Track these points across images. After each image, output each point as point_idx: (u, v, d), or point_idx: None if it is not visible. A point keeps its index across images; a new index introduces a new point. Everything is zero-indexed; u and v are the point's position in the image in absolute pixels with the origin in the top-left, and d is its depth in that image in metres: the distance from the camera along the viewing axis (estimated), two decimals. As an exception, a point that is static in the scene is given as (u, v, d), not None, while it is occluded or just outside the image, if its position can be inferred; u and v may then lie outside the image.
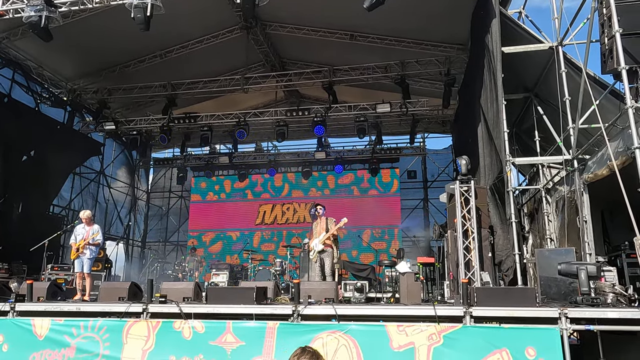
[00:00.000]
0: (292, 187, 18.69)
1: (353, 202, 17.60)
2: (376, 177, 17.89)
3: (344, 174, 18.25)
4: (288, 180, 18.77)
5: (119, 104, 16.41)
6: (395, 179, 17.83)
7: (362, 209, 17.09)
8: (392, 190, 17.77)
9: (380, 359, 5.46)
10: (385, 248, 16.17)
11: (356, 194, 18.03)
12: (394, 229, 17.10)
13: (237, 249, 17.90)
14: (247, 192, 19.00)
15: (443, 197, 9.32)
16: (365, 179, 18.10)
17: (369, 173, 17.91)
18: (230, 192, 19.17)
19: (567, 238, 7.80)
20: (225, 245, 18.41)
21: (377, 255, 15.78)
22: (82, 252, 8.45)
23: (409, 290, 7.29)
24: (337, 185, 18.36)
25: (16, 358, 6.44)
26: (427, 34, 12.78)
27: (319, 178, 18.33)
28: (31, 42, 12.02)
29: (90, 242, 8.47)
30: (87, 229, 8.56)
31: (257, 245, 17.59)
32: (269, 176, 18.73)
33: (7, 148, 12.99)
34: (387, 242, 16.68)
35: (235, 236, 18.52)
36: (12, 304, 6.96)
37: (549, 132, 9.26)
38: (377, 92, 15.19)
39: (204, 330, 6.03)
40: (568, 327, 5.20)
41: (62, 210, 15.83)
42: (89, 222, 8.65)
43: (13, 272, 10.90)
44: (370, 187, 18.01)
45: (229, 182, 19.30)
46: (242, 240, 18.15)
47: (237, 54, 14.36)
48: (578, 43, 7.54)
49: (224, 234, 18.59)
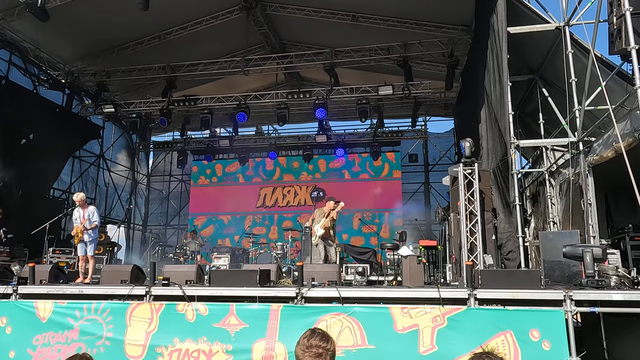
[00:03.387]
0: (284, 171, 18.65)
1: (344, 185, 17.52)
2: (367, 161, 17.85)
3: (335, 158, 18.17)
4: (279, 164, 18.71)
5: (118, 86, 16.23)
6: (387, 163, 17.74)
7: (352, 192, 17.03)
8: (383, 174, 17.73)
9: (384, 340, 5.46)
10: (376, 231, 16.13)
11: (347, 178, 17.99)
12: (384, 213, 17.04)
13: (228, 233, 18.02)
14: (238, 176, 18.98)
15: (446, 180, 9.25)
16: (356, 163, 18.03)
17: (370, 156, 17.82)
18: (221, 175, 19.10)
19: (571, 221, 7.77)
20: (216, 229, 18.43)
21: (368, 238, 15.83)
22: (82, 236, 8.40)
23: (412, 273, 7.29)
24: (329, 169, 18.30)
25: (20, 340, 6.46)
26: (430, 15, 12.58)
27: (310, 162, 18.25)
28: (28, 23, 11.82)
29: (87, 226, 8.36)
30: (82, 212, 8.44)
31: (249, 228, 17.59)
32: (261, 159, 18.71)
33: (6, 131, 12.88)
34: (378, 225, 16.64)
35: (226, 220, 18.53)
36: (15, 286, 6.96)
37: (553, 115, 9.16)
38: (378, 75, 15.00)
39: (207, 313, 6.03)
40: (573, 309, 5.19)
41: (62, 193, 15.79)
42: (83, 204, 8.51)
43: (15, 255, 10.89)
44: (361, 170, 17.97)
45: (220, 166, 19.24)
46: (233, 224, 18.24)
47: (237, 35, 14.16)
48: (586, 23, 7.39)
49: (215, 217, 18.59)
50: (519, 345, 5.12)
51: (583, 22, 7.57)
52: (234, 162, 19.09)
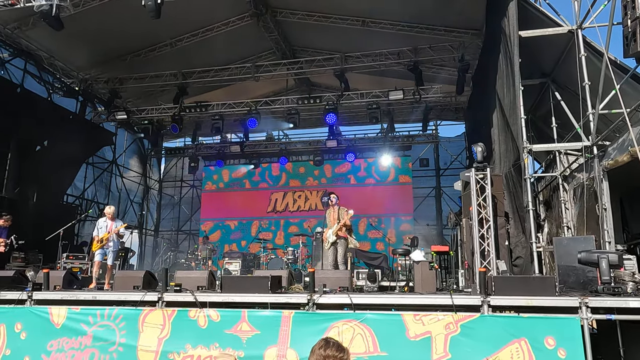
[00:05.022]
0: (290, 177, 18.69)
1: (350, 190, 17.41)
2: (373, 166, 17.86)
3: (341, 163, 18.18)
4: (286, 169, 18.74)
5: (130, 93, 16.41)
6: (393, 168, 17.69)
7: (358, 197, 16.96)
8: (389, 178, 17.69)
9: (396, 348, 5.42)
10: (382, 237, 16.07)
11: (353, 183, 17.97)
12: (390, 218, 16.94)
13: (235, 238, 18.12)
14: (244, 182, 19.07)
15: (457, 185, 9.19)
16: (362, 168, 18.02)
17: (376, 161, 17.83)
18: (228, 181, 19.21)
19: (585, 226, 7.66)
20: (223, 234, 18.50)
21: (374, 243, 15.75)
22: (107, 244, 8.74)
23: (424, 279, 7.24)
24: (335, 174, 18.31)
25: (34, 346, 6.52)
26: (441, 19, 12.55)
27: (315, 167, 18.29)
28: (42, 32, 12.01)
29: (117, 233, 8.83)
30: (110, 223, 8.86)
31: (255, 234, 17.65)
32: (267, 165, 18.81)
33: (21, 138, 13.09)
34: (384, 230, 16.57)
35: (233, 225, 18.60)
36: (30, 292, 7.03)
37: (566, 119, 9.06)
38: (389, 80, 15.00)
39: (219, 319, 6.04)
40: (589, 316, 5.10)
41: (75, 199, 15.96)
42: (112, 217, 8.96)
43: (29, 261, 11.03)
44: (367, 175, 17.94)
45: (227, 171, 19.32)
46: (240, 230, 18.32)
47: (247, 41, 14.26)
48: (599, 26, 7.32)
49: (222, 222, 18.69)
50: (533, 353, 5.05)
51: (596, 25, 7.49)
52: (241, 168, 19.19)
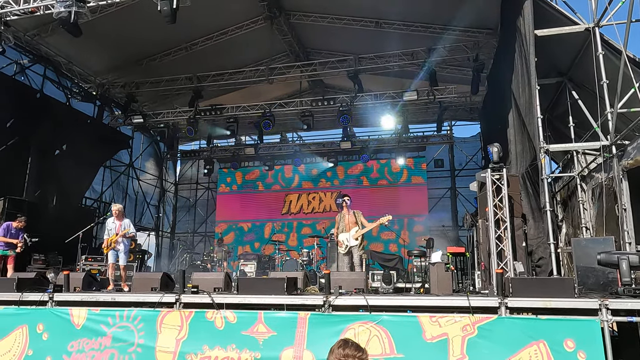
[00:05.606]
0: (302, 178, 18.74)
1: (362, 192, 17.43)
2: (386, 167, 17.85)
3: (354, 164, 18.20)
4: (298, 171, 18.80)
5: (147, 97, 16.65)
6: (405, 169, 17.66)
7: (371, 198, 17.04)
8: (401, 180, 17.68)
9: (413, 350, 5.40)
10: (395, 238, 15.99)
11: (365, 184, 17.97)
12: (403, 219, 16.87)
13: (248, 240, 18.25)
14: (257, 184, 19.19)
15: (473, 186, 9.12)
16: (374, 169, 17.99)
17: (388, 162, 17.83)
18: (241, 183, 19.35)
19: (605, 227, 7.54)
20: (237, 236, 18.62)
21: (387, 244, 15.69)
22: (115, 246, 8.65)
23: (440, 281, 7.18)
24: (347, 176, 18.31)
25: (56, 346, 6.63)
26: (455, 19, 12.46)
27: (328, 169, 18.32)
28: (61, 38, 12.28)
29: (126, 235, 8.66)
30: (118, 224, 8.70)
31: (268, 236, 17.71)
32: (280, 167, 18.91)
33: (41, 142, 13.37)
34: (397, 232, 16.51)
35: (246, 227, 18.72)
36: (51, 294, 7.16)
37: (583, 118, 8.94)
38: (402, 80, 14.96)
39: (236, 321, 6.08)
40: (609, 318, 5.03)
41: (94, 202, 16.22)
42: (119, 216, 8.77)
43: (50, 263, 11.24)
44: (379, 177, 17.93)
45: (241, 174, 19.45)
46: (253, 232, 18.44)
47: (261, 44, 14.36)
48: (617, 23, 7.22)
49: (235, 224, 18.81)
50: (552, 356, 4.99)
51: (614, 23, 7.39)
52: (254, 170, 19.32)
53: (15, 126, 12.69)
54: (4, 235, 9.25)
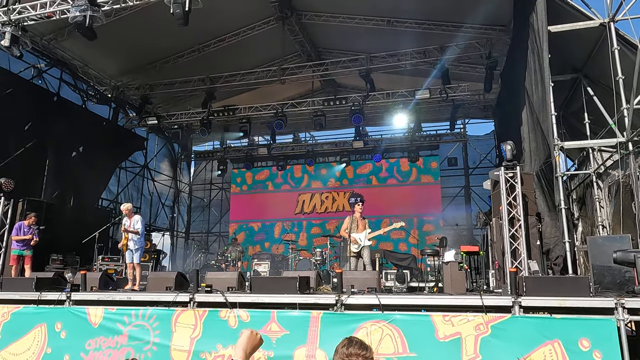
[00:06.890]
0: (312, 178, 18.74)
1: (372, 191, 17.33)
2: (395, 166, 17.77)
3: (363, 164, 18.18)
4: (307, 171, 18.81)
5: (160, 99, 16.83)
6: (414, 168, 17.57)
7: (380, 198, 16.95)
8: (411, 178, 17.61)
9: (425, 349, 5.39)
10: (404, 237, 15.91)
11: (375, 184, 17.92)
12: (413, 218, 16.71)
13: (259, 240, 18.34)
14: (267, 184, 19.23)
15: (487, 184, 9.04)
16: (384, 168, 17.93)
17: (398, 161, 17.76)
18: (251, 183, 19.41)
19: (621, 225, 7.43)
20: (247, 236, 18.69)
21: (396, 244, 15.63)
22: (128, 244, 8.73)
23: (453, 280, 7.15)
24: (356, 175, 18.26)
25: (73, 344, 6.77)
26: (467, 16, 12.36)
27: (337, 168, 18.30)
28: (76, 42, 12.49)
29: (130, 230, 8.68)
30: (129, 222, 8.83)
31: (278, 236, 17.76)
32: (289, 167, 18.95)
33: (58, 144, 13.60)
34: (407, 231, 16.44)
35: (256, 227, 18.78)
36: (68, 293, 7.31)
37: (598, 114, 8.81)
38: (415, 79, 14.89)
39: (249, 319, 6.14)
40: (625, 317, 4.96)
41: (110, 203, 16.45)
42: (129, 214, 8.91)
43: (67, 263, 11.43)
44: (389, 176, 17.85)
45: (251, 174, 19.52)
46: (263, 232, 18.51)
47: (273, 45, 14.39)
48: (633, 18, 7.10)
49: (246, 224, 18.90)
50: (567, 355, 4.94)
51: (629, 17, 7.27)
52: (264, 170, 19.39)
53: (33, 129, 12.93)
54: (18, 234, 9.46)
